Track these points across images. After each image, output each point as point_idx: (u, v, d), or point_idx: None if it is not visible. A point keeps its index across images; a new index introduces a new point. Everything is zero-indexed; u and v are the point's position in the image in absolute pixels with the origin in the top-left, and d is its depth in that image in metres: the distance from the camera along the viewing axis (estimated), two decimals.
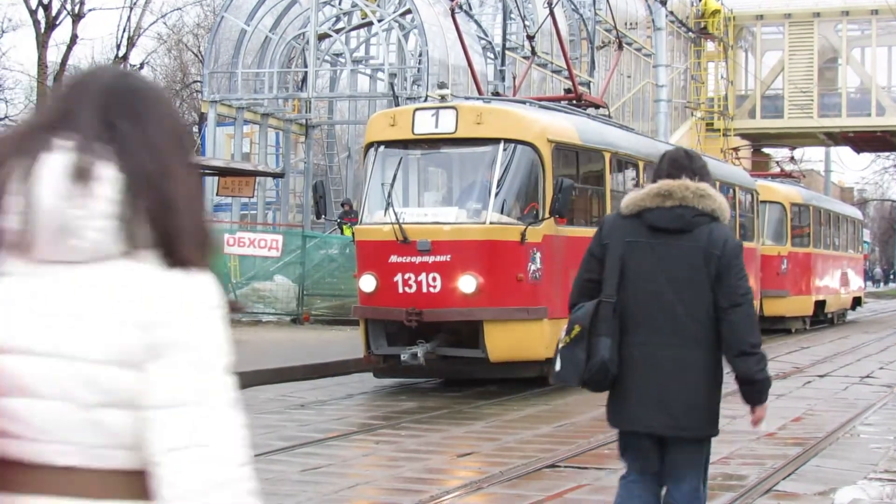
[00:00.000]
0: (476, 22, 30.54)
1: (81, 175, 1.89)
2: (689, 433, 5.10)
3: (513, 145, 14.09)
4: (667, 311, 5.02)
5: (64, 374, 1.86)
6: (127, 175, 1.92)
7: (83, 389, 1.86)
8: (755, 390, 5.03)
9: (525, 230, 13.74)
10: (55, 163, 1.90)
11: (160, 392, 1.87)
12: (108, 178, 1.90)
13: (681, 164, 5.14)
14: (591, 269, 5.21)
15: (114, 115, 1.97)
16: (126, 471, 1.90)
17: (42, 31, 31.80)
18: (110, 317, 1.88)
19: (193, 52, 42.95)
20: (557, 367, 5.23)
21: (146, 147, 1.96)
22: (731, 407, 6.30)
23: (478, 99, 16.02)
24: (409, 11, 27.39)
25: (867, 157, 61.75)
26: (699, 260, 4.97)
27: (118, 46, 34.76)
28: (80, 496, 1.87)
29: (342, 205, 26.93)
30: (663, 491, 5.29)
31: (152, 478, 1.88)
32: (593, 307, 5.08)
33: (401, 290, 13.73)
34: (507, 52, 30.07)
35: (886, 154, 61.70)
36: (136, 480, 1.89)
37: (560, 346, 5.21)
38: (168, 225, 1.94)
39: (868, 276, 68.23)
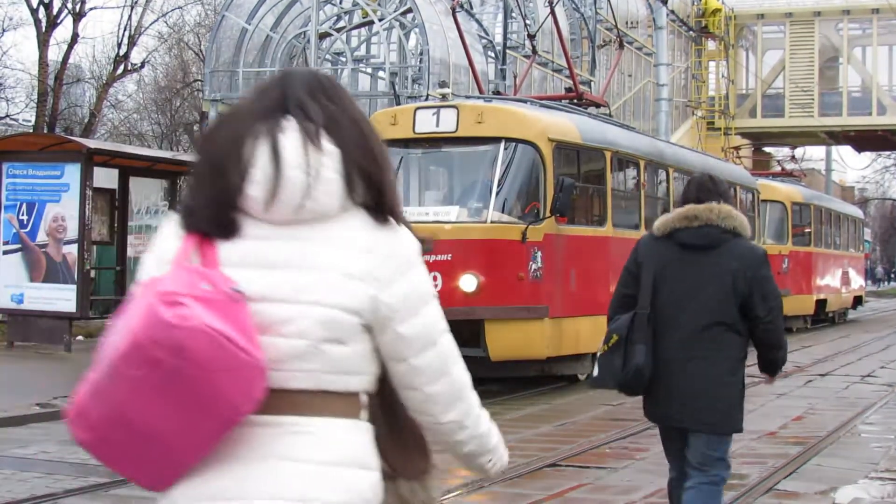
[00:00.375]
0: (477, 21, 30.53)
1: (311, 147, 2.33)
2: (711, 428, 5.63)
3: (514, 144, 14.09)
4: (695, 319, 5.57)
5: (300, 316, 2.31)
6: (342, 145, 2.37)
7: (316, 328, 2.31)
8: (778, 369, 5.80)
9: (526, 229, 13.74)
10: (289, 139, 2.33)
11: (416, 344, 2.40)
12: (330, 149, 2.35)
13: (706, 188, 5.72)
14: (628, 284, 5.80)
15: (321, 99, 2.41)
16: (341, 392, 2.36)
17: (43, 29, 31.71)
18: (343, 270, 2.33)
19: (194, 51, 42.88)
20: (595, 372, 5.83)
21: (350, 122, 2.42)
22: None
23: (479, 98, 16.03)
24: (409, 10, 27.38)
25: (868, 156, 61.79)
26: (726, 273, 5.54)
27: (119, 45, 34.64)
28: (308, 414, 2.32)
29: None
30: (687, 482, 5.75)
31: (417, 403, 2.46)
32: (629, 318, 5.66)
33: None
34: (507, 51, 30.06)
35: (887, 153, 61.68)
36: (350, 401, 2.38)
37: (598, 354, 5.82)
38: (378, 182, 2.41)
39: (869, 274, 68.29)
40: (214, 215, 2.35)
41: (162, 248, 2.41)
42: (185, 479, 2.30)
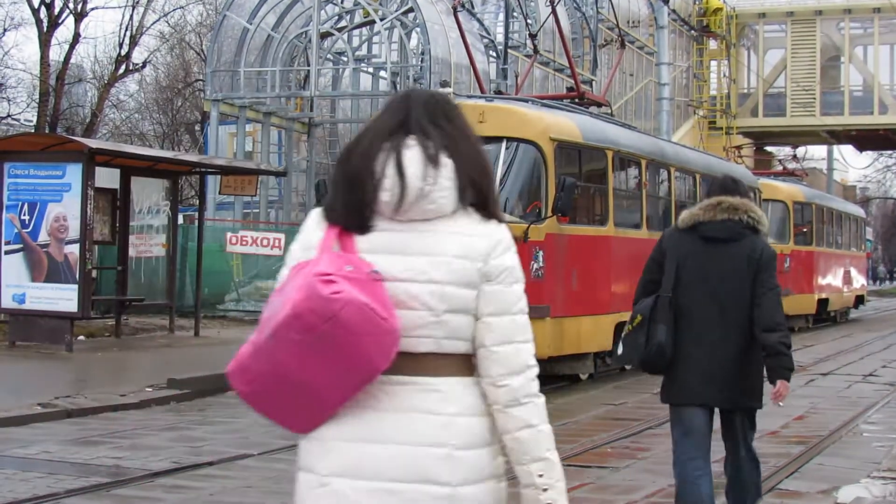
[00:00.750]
0: (478, 20, 30.51)
1: (431, 160, 2.90)
2: (735, 405, 6.19)
3: (515, 144, 14.08)
4: (715, 303, 6.13)
5: (425, 293, 2.88)
6: (455, 157, 2.93)
7: (437, 302, 2.88)
8: (779, 364, 6.00)
9: (528, 229, 13.71)
10: (412, 153, 2.91)
11: (494, 304, 2.93)
12: (445, 161, 2.91)
13: (728, 187, 6.33)
14: (653, 271, 6.38)
15: (436, 118, 2.98)
16: (457, 354, 2.93)
17: (44, 29, 31.69)
18: (454, 253, 2.90)
19: (196, 51, 42.88)
20: (620, 350, 6.35)
21: (461, 137, 2.99)
22: None
23: (480, 97, 16.00)
24: (411, 10, 27.38)
25: (869, 155, 61.76)
26: (743, 263, 6.11)
27: (120, 45, 34.60)
28: (434, 375, 2.90)
29: None
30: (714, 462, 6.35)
31: (483, 360, 2.94)
32: (653, 300, 6.20)
33: None
34: (509, 50, 30.05)
35: (889, 152, 61.66)
36: (463, 362, 2.94)
37: (623, 334, 6.37)
38: (483, 188, 2.98)
39: (872, 273, 68.27)
40: (352, 214, 2.95)
41: (307, 237, 3.02)
42: (330, 423, 2.91)
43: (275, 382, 2.87)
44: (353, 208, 2.95)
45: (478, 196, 2.97)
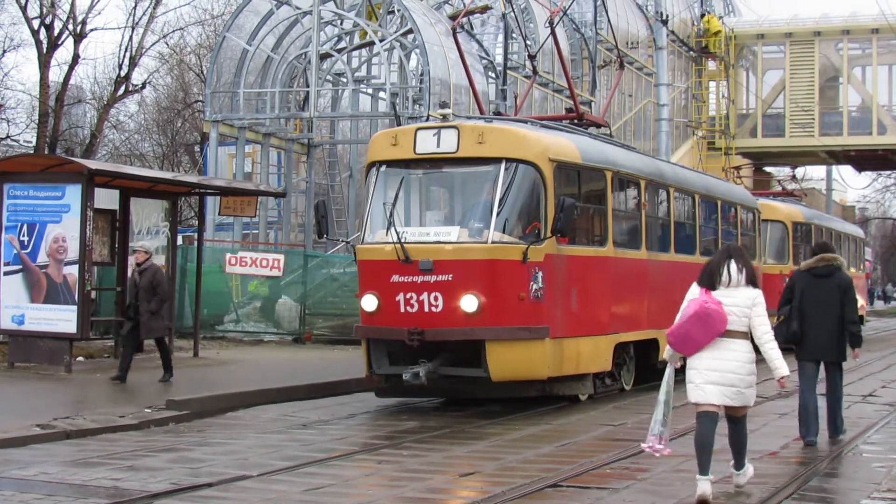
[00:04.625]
0: (477, 41, 30.59)
1: (739, 269, 9.11)
2: (836, 359, 12.06)
3: (514, 164, 14.07)
4: (822, 308, 11.77)
5: (736, 311, 8.97)
6: (745, 268, 9.17)
7: (740, 314, 8.99)
8: (857, 340, 12.04)
9: (527, 249, 13.71)
10: (734, 266, 9.11)
11: (758, 318, 9.03)
12: (744, 270, 9.13)
13: (824, 248, 12.23)
14: (789, 292, 12.15)
15: (736, 253, 9.25)
16: (743, 331, 9.02)
17: (44, 50, 31.79)
18: (745, 295, 9.05)
19: (195, 72, 42.96)
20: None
21: (749, 261, 9.27)
22: None
23: (479, 118, 15.99)
24: (410, 31, 27.44)
25: (868, 175, 61.83)
26: (836, 287, 11.80)
27: (120, 66, 34.71)
28: (736, 338, 8.95)
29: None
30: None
31: (757, 333, 9.03)
32: (789, 307, 11.99)
33: (402, 310, 13.70)
34: (508, 71, 30.11)
35: (887, 172, 61.71)
36: (746, 333, 9.04)
37: (775, 325, 11.04)
38: (753, 279, 9.18)
39: (884, 293, 68.13)
40: (712, 284, 9.03)
41: (693, 291, 9.08)
42: (701, 352, 8.87)
43: (684, 337, 8.84)
44: (712, 282, 8.95)
45: (751, 280, 9.01)
